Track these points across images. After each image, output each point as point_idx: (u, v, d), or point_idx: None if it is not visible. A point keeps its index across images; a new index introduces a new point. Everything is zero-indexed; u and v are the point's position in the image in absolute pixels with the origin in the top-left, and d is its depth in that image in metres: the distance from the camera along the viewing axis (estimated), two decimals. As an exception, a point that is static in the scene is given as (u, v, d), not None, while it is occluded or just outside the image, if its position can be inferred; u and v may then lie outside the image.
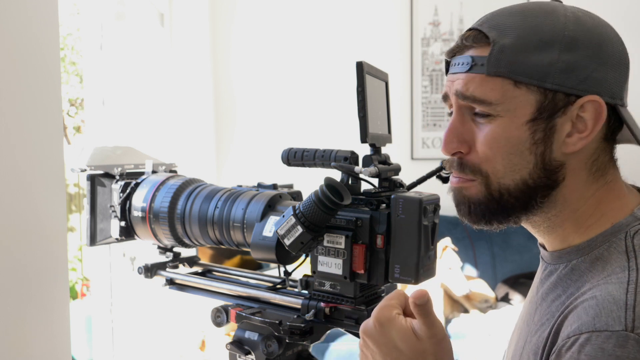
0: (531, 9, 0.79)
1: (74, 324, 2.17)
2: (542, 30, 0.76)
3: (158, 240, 1.13)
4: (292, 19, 3.72)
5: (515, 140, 0.78)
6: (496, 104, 0.78)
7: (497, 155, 0.79)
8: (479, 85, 0.78)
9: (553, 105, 0.77)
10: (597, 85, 0.76)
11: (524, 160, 0.78)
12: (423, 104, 3.68)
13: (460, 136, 0.82)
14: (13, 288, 1.15)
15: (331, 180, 0.84)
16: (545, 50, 0.75)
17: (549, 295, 0.83)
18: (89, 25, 2.46)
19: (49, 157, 1.27)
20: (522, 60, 0.76)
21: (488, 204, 0.81)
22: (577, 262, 0.80)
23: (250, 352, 0.99)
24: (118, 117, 2.58)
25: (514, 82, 0.77)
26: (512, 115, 0.78)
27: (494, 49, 0.77)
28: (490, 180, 0.80)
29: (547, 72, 0.75)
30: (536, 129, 0.77)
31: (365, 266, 0.87)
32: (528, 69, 0.76)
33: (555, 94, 0.76)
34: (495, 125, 0.79)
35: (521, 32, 0.77)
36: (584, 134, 0.77)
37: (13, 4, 1.15)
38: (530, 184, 0.79)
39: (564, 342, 0.70)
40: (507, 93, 0.77)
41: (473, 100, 0.79)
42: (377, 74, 0.94)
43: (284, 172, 1.59)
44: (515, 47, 0.76)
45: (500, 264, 3.40)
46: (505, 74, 0.77)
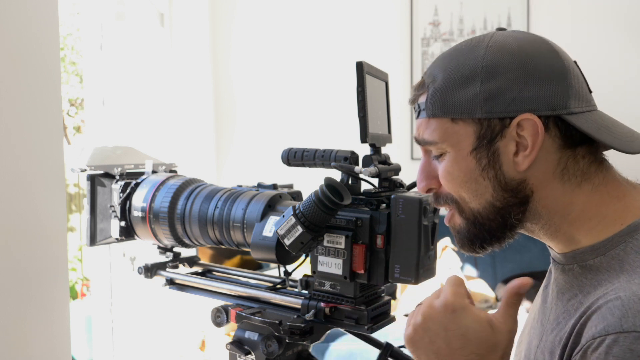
0: (460, 47, 0.85)
1: (74, 324, 2.17)
2: (463, 66, 0.81)
3: (158, 240, 1.13)
4: (292, 19, 3.72)
5: (465, 170, 0.82)
6: (440, 142, 0.83)
7: (456, 186, 0.84)
8: (425, 128, 0.85)
9: (490, 131, 0.81)
10: (528, 103, 0.79)
11: (480, 186, 0.82)
12: (423, 104, 3.68)
13: (429, 174, 0.87)
14: (13, 288, 1.15)
15: (331, 180, 0.84)
16: (469, 85, 0.80)
17: (564, 294, 0.83)
18: (89, 25, 2.46)
19: (49, 157, 1.27)
20: (451, 98, 0.81)
21: (469, 228, 0.85)
22: (593, 262, 0.81)
23: (250, 352, 0.99)
24: (118, 117, 2.58)
25: (450, 119, 0.82)
26: (457, 148, 0.82)
27: (428, 94, 0.83)
28: (461, 206, 0.84)
29: (473, 104, 0.80)
30: (480, 156, 0.81)
31: (365, 266, 0.87)
32: (458, 105, 0.81)
33: (489, 121, 0.80)
34: (446, 161, 0.84)
35: (446, 73, 0.82)
36: (527, 151, 0.80)
37: (13, 4, 1.15)
38: (498, 205, 0.82)
39: (588, 343, 0.70)
40: (447, 130, 0.82)
41: (424, 143, 0.85)
42: (377, 74, 0.94)
43: (284, 172, 1.59)
44: (443, 88, 0.82)
45: (500, 264, 3.40)
46: (440, 114, 0.82)
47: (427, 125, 0.84)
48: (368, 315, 0.91)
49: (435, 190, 0.87)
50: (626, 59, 3.53)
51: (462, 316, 0.77)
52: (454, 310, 0.77)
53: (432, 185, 0.87)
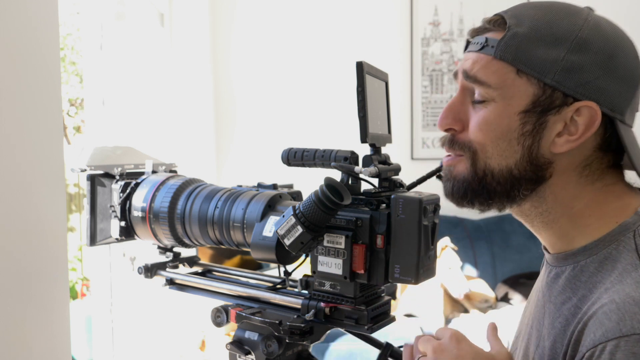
0: (557, 7, 0.80)
1: (74, 324, 2.17)
2: (558, 26, 0.77)
3: (158, 240, 1.13)
4: (292, 19, 3.72)
5: (505, 128, 0.79)
6: (494, 87, 0.79)
7: (486, 137, 0.80)
8: (483, 66, 0.80)
9: (549, 102, 0.77)
10: (597, 92, 0.76)
11: (511, 149, 0.79)
12: (423, 104, 3.68)
13: (457, 114, 0.83)
14: (13, 288, 1.15)
15: (331, 180, 0.84)
16: (554, 46, 0.76)
17: (558, 298, 0.82)
18: (89, 25, 2.46)
19: (49, 157, 1.27)
20: (529, 50, 0.77)
21: (471, 182, 0.82)
22: (585, 263, 0.80)
23: (250, 352, 0.99)
24: (118, 117, 2.58)
25: (516, 70, 0.78)
26: (508, 103, 0.79)
27: (507, 34, 0.78)
28: (478, 157, 0.81)
29: (549, 67, 0.76)
30: (527, 121, 0.78)
31: (365, 266, 0.87)
32: (533, 60, 0.77)
33: (553, 91, 0.77)
34: (489, 109, 0.80)
35: (537, 24, 0.78)
36: (573, 137, 0.78)
37: (13, 4, 1.15)
38: (515, 174, 0.80)
39: (589, 351, 0.69)
40: (507, 80, 0.78)
41: (474, 80, 0.81)
42: (377, 74, 0.94)
43: (284, 172, 1.59)
44: (527, 36, 0.77)
45: (500, 263, 3.40)
46: (510, 60, 0.78)
47: (487, 64, 0.80)
48: (368, 315, 0.91)
49: (455, 133, 0.84)
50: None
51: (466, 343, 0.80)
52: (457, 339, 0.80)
53: (455, 126, 0.83)
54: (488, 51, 0.80)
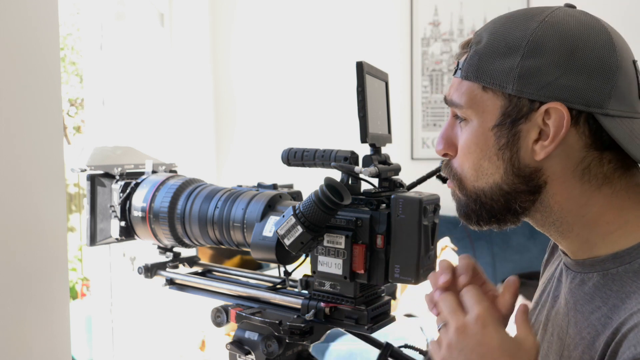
0: (517, 14, 0.80)
1: (74, 324, 2.17)
2: (511, 35, 0.77)
3: (158, 240, 1.13)
4: (292, 19, 3.72)
5: (482, 145, 0.80)
6: (466, 107, 0.80)
7: (469, 161, 0.81)
8: (456, 89, 0.82)
9: (517, 111, 0.77)
10: (562, 91, 0.74)
11: (493, 165, 0.79)
12: (423, 104, 3.68)
13: (449, 139, 0.85)
14: (13, 288, 1.15)
15: (331, 180, 0.84)
16: (509, 56, 0.76)
17: (585, 306, 0.79)
18: (89, 25, 2.46)
19: (49, 157, 1.27)
20: (487, 65, 0.78)
21: (469, 204, 0.83)
22: (617, 271, 0.77)
23: (250, 352, 0.99)
24: (118, 117, 2.58)
25: (481, 86, 0.79)
26: (481, 119, 0.80)
27: (469, 54, 0.80)
28: (464, 184, 0.83)
29: (507, 77, 0.76)
30: (500, 134, 0.78)
31: (365, 266, 0.87)
32: (492, 73, 0.77)
33: (519, 99, 0.76)
34: (467, 131, 0.81)
35: (493, 37, 0.78)
36: (546, 142, 0.76)
37: (13, 4, 1.15)
38: (505, 189, 0.80)
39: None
40: (475, 97, 0.79)
41: (451, 103, 0.83)
42: (377, 74, 0.94)
43: (284, 172, 1.59)
44: (483, 52, 0.78)
45: (500, 264, 3.40)
46: (473, 78, 0.79)
47: (458, 86, 0.81)
48: (368, 315, 0.91)
49: (450, 158, 0.85)
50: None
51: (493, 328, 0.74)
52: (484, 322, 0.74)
53: (449, 151, 0.85)
54: (458, 74, 0.82)
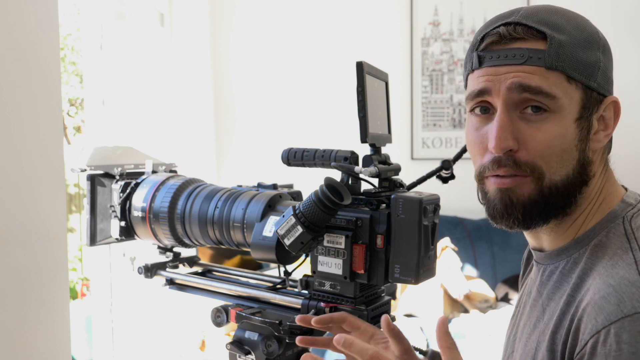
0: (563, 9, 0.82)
1: (74, 324, 2.17)
2: (585, 30, 0.80)
3: (158, 240, 1.13)
4: (292, 19, 3.72)
5: (568, 138, 0.78)
6: (558, 98, 0.77)
7: (554, 153, 0.78)
8: (542, 78, 0.77)
9: (591, 103, 0.80)
10: (611, 86, 0.82)
11: (570, 157, 0.79)
12: (423, 104, 3.68)
13: (512, 133, 0.78)
14: (13, 288, 1.15)
15: (331, 180, 0.84)
16: (591, 49, 0.79)
17: (556, 293, 0.82)
18: (89, 25, 2.46)
19: (49, 157, 1.27)
20: (576, 56, 0.78)
21: (538, 202, 0.79)
22: (578, 254, 0.81)
23: (250, 352, 0.99)
24: (118, 117, 2.58)
25: (567, 77, 0.77)
26: (565, 112, 0.78)
27: (553, 43, 0.76)
28: (544, 176, 0.78)
29: (592, 70, 0.79)
30: (582, 127, 0.79)
31: (365, 266, 0.87)
32: (580, 65, 0.78)
33: (591, 92, 0.80)
34: (553, 123, 0.77)
35: (572, 30, 0.79)
36: (608, 131, 0.82)
37: (13, 4, 1.15)
38: (571, 180, 0.80)
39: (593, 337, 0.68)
40: (564, 88, 0.78)
41: (538, 92, 0.77)
42: (377, 74, 0.94)
43: (284, 172, 1.59)
44: (570, 43, 0.78)
45: (500, 264, 3.40)
46: (564, 68, 0.77)
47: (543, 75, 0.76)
48: (368, 315, 0.91)
49: (512, 153, 0.79)
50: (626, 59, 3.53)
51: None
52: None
53: (515, 146, 0.78)
54: (535, 62, 0.76)
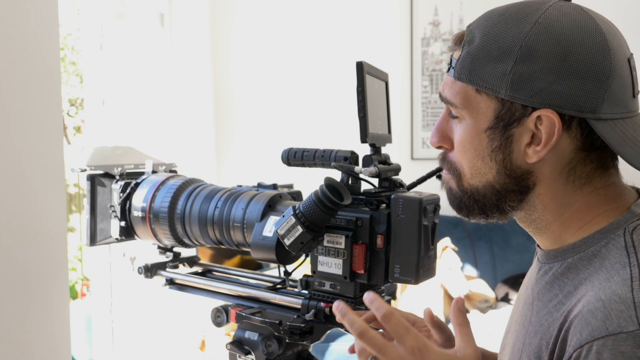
0: (508, 12, 0.79)
1: (74, 324, 2.17)
2: (504, 38, 0.76)
3: (158, 240, 1.13)
4: (292, 19, 3.72)
5: (476, 146, 0.81)
6: (460, 107, 0.81)
7: (465, 158, 0.82)
8: (450, 87, 0.82)
9: (510, 114, 0.77)
10: (554, 98, 0.74)
11: (486, 165, 0.81)
12: (423, 104, 3.68)
13: (444, 132, 0.85)
14: (13, 288, 1.15)
15: (331, 180, 0.84)
16: (502, 60, 0.76)
17: (545, 295, 0.82)
18: (89, 25, 2.46)
19: (49, 157, 1.27)
20: (480, 67, 0.77)
21: (462, 198, 0.84)
22: (574, 260, 0.79)
23: (250, 352, 0.99)
24: (118, 117, 2.58)
25: (475, 88, 0.79)
26: (474, 120, 0.80)
27: (462, 54, 0.80)
28: (462, 178, 0.83)
29: (500, 82, 0.76)
30: (493, 137, 0.79)
31: (365, 266, 0.87)
32: (485, 77, 0.77)
33: (511, 104, 0.77)
34: (461, 129, 0.82)
35: (485, 38, 0.78)
36: (538, 147, 0.77)
37: (13, 4, 1.15)
38: (497, 188, 0.81)
39: (576, 351, 0.68)
40: (469, 98, 0.80)
41: (446, 101, 0.83)
42: (377, 74, 0.94)
43: (284, 172, 1.59)
44: (476, 53, 0.78)
45: (500, 264, 3.40)
46: (466, 80, 0.79)
47: (452, 85, 0.81)
48: (368, 315, 0.91)
49: (446, 150, 0.86)
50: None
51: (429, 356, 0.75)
52: (420, 352, 0.75)
53: (444, 144, 0.85)
54: (451, 72, 0.81)
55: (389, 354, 0.74)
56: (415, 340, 0.75)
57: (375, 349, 0.75)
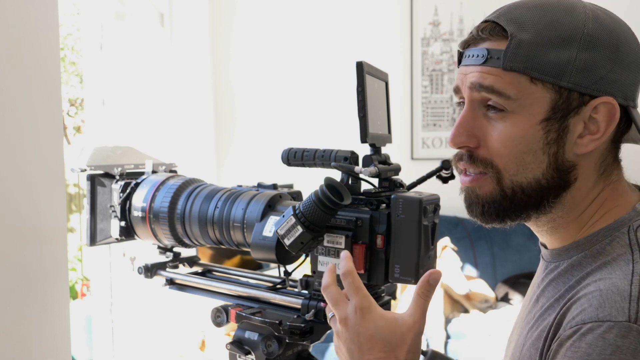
0: (550, 3, 0.78)
1: (74, 324, 2.17)
2: (562, 26, 0.75)
3: (158, 240, 1.13)
4: (292, 19, 3.72)
5: (529, 139, 0.77)
6: (514, 98, 0.76)
7: (510, 154, 0.78)
8: (499, 78, 0.77)
9: (567, 104, 0.76)
10: (611, 86, 0.75)
11: (536, 159, 0.77)
12: (423, 104, 3.68)
13: (471, 130, 0.80)
14: (13, 288, 1.15)
15: (331, 180, 0.84)
16: (564, 48, 0.74)
17: (550, 291, 0.82)
18: (89, 25, 2.46)
19: (49, 157, 1.27)
20: (539, 56, 0.75)
21: (501, 202, 0.80)
22: (578, 257, 0.80)
23: (250, 352, 0.99)
24: (118, 117, 2.58)
25: (530, 78, 0.76)
26: (527, 112, 0.77)
27: (512, 43, 0.76)
28: (502, 175, 0.79)
29: (564, 70, 0.74)
30: (550, 128, 0.76)
31: (365, 266, 0.87)
32: (545, 65, 0.75)
33: (569, 93, 0.75)
34: (509, 123, 0.77)
35: (540, 27, 0.75)
36: (596, 135, 0.76)
37: (13, 4, 1.15)
38: (543, 184, 0.78)
39: (567, 331, 0.70)
40: (523, 89, 0.76)
41: (491, 91, 0.77)
42: (377, 74, 0.94)
43: (284, 172, 1.59)
44: (533, 42, 0.75)
45: (500, 264, 3.40)
46: (522, 69, 0.76)
47: (499, 75, 0.76)
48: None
49: (471, 149, 0.81)
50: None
51: (369, 317, 0.77)
52: (362, 312, 0.77)
53: (470, 143, 0.80)
54: (494, 63, 0.77)
55: (339, 309, 0.80)
56: (361, 300, 0.78)
57: (331, 302, 0.81)
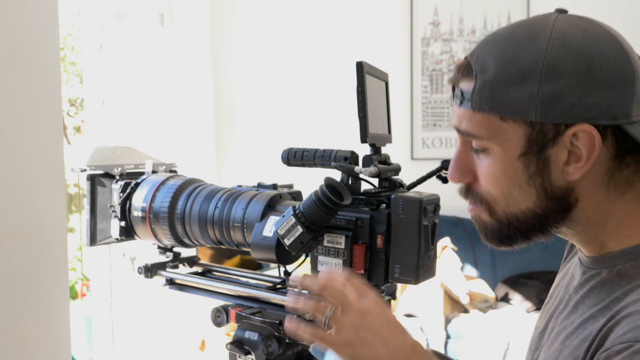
0: (516, 34, 0.77)
1: (74, 324, 2.17)
2: (522, 61, 0.74)
3: (158, 240, 1.13)
4: (292, 19, 3.72)
5: (511, 175, 0.78)
6: (487, 139, 0.78)
7: (497, 190, 0.79)
8: (469, 120, 0.79)
9: (542, 137, 0.75)
10: (588, 110, 0.73)
11: (524, 192, 0.78)
12: (423, 104, 3.68)
13: (464, 166, 0.83)
14: (13, 288, 1.15)
15: (331, 180, 0.84)
16: (525, 83, 0.73)
17: (591, 299, 0.80)
18: (89, 25, 2.46)
19: (49, 157, 1.27)
20: (502, 95, 0.75)
21: (500, 229, 0.81)
22: (625, 267, 0.77)
23: (250, 352, 0.99)
24: (118, 117, 2.58)
25: (499, 117, 0.76)
26: (505, 149, 0.77)
27: (476, 85, 0.76)
28: (494, 209, 0.81)
29: (528, 105, 0.73)
30: (529, 163, 0.76)
31: (365, 266, 0.87)
32: (510, 103, 0.74)
33: (542, 125, 0.74)
34: (492, 160, 0.79)
35: (501, 65, 0.75)
36: (580, 163, 0.75)
37: (13, 4, 1.15)
38: (538, 212, 0.78)
39: (615, 347, 0.68)
40: (495, 128, 0.77)
41: (467, 135, 0.80)
42: (377, 74, 0.94)
43: (284, 172, 1.59)
44: (494, 81, 0.75)
45: (500, 264, 3.40)
46: (489, 110, 0.76)
47: (470, 117, 0.78)
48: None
49: (469, 183, 0.83)
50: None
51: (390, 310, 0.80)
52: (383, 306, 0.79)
53: (467, 179, 0.83)
54: (466, 105, 0.78)
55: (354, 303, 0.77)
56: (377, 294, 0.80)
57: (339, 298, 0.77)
